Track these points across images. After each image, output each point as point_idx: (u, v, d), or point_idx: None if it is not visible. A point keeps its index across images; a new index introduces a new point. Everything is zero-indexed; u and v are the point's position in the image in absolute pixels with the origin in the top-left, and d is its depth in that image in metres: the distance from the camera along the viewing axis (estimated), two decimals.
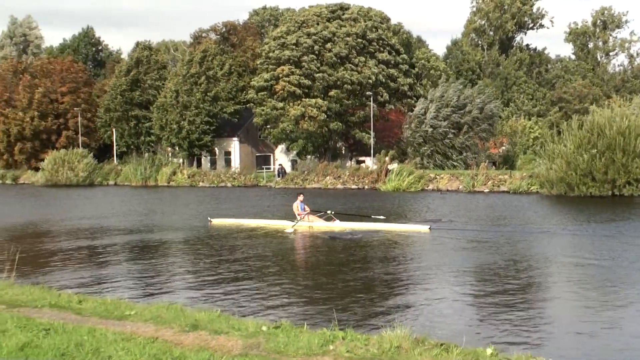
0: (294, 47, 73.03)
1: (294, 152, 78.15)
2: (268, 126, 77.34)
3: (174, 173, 74.87)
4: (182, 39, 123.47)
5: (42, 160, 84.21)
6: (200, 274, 19.65)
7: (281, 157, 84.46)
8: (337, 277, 18.85)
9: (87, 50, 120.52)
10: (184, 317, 11.18)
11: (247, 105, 79.64)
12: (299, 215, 30.97)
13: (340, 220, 30.44)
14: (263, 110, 74.19)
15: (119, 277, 19.20)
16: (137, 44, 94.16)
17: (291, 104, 72.15)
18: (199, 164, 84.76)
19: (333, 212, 31.18)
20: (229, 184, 70.14)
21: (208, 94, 78.96)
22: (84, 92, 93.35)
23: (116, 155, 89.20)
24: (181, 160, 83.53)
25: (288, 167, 78.61)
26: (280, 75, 72.49)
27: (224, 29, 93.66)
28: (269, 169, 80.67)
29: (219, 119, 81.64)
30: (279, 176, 70.39)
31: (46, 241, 27.38)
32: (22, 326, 10.32)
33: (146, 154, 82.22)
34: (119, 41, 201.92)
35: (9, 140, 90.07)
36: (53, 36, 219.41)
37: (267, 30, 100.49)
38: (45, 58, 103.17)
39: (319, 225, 30.33)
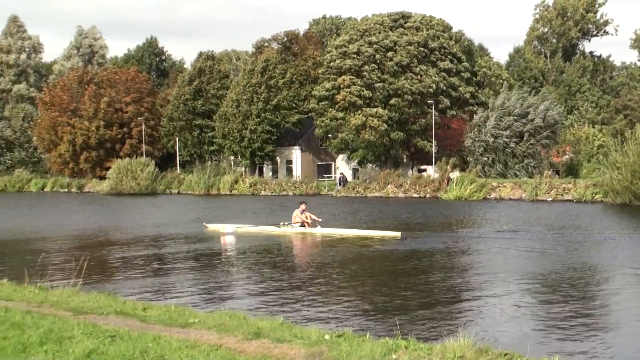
0: (355, 56, 73.03)
1: (355, 161, 78.13)
2: (329, 136, 77.46)
3: (236, 182, 75.35)
4: (244, 49, 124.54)
5: (107, 168, 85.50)
6: (262, 281, 19.74)
7: (342, 166, 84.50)
8: (397, 285, 18.77)
9: (151, 60, 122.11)
10: (247, 325, 11.23)
11: (309, 115, 79.83)
12: (295, 221, 33.74)
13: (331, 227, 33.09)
14: (323, 121, 74.36)
15: (182, 285, 19.39)
16: (200, 53, 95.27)
17: (352, 113, 72.14)
18: (261, 173, 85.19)
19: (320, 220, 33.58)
20: (290, 193, 70.33)
21: (270, 103, 79.32)
22: (147, 101, 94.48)
23: (179, 164, 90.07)
24: (243, 168, 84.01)
25: (349, 176, 78.61)
26: (342, 86, 72.55)
27: (285, 38, 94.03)
28: (330, 177, 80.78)
29: (281, 128, 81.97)
30: (340, 185, 70.41)
31: (112, 249, 27.79)
32: (89, 333, 10.47)
33: (209, 163, 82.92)
34: (182, 51, 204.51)
35: (75, 150, 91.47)
36: (118, 47, 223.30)
37: (327, 40, 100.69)
38: (110, 68, 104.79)
39: (300, 230, 32.99)
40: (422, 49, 73.49)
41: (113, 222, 41.70)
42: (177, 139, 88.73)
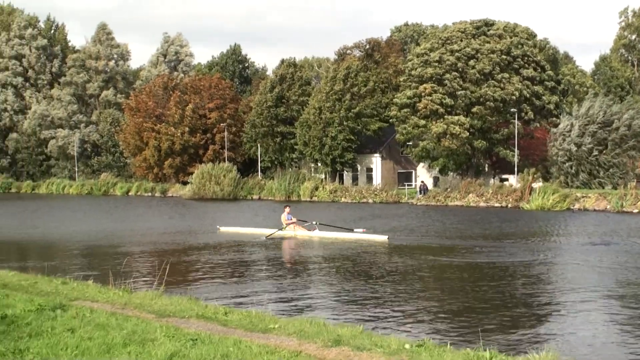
0: (437, 64, 72.53)
1: (436, 169, 77.54)
2: (410, 143, 77.05)
3: (316, 188, 75.52)
4: (325, 56, 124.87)
5: (190, 174, 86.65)
6: (341, 288, 19.70)
7: (423, 174, 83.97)
8: (477, 294, 18.52)
9: (234, 67, 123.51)
10: (327, 332, 11.19)
11: (390, 122, 79.51)
12: (286, 224, 35.25)
13: (326, 230, 34.80)
14: (405, 128, 73.98)
15: (262, 290, 19.48)
16: (282, 61, 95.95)
17: (433, 121, 71.61)
18: (341, 180, 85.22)
19: (317, 223, 35.32)
20: (370, 200, 70.17)
21: (352, 110, 79.27)
22: (230, 108, 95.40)
23: (260, 170, 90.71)
24: (323, 175, 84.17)
25: (430, 184, 78.07)
26: (423, 94, 72.10)
27: (367, 46, 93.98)
28: (411, 185, 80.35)
29: (362, 135, 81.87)
30: (421, 193, 69.96)
31: (195, 253, 28.11)
32: (171, 335, 10.59)
33: (289, 169, 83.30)
34: (265, 58, 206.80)
35: (160, 155, 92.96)
36: (202, 53, 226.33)
37: (409, 47, 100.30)
38: (195, 75, 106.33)
39: (301, 233, 34.79)
40: (505, 56, 72.51)
41: (197, 226, 42.19)
42: (258, 145, 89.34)
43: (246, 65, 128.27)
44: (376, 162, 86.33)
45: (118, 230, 40.44)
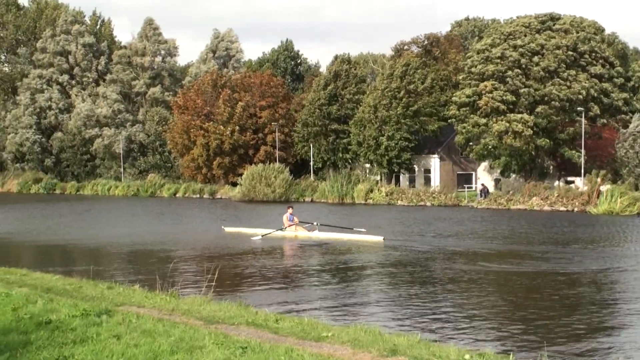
0: (498, 60, 71.87)
1: (498, 170, 76.82)
2: (470, 143, 76.47)
3: (371, 190, 75.37)
4: (381, 52, 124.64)
5: (239, 175, 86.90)
6: (396, 295, 19.65)
7: (484, 176, 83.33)
8: (544, 302, 18.34)
9: (286, 64, 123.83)
10: (383, 341, 11.18)
11: (449, 121, 78.99)
12: (287, 225, 37.68)
13: (326, 231, 37.02)
14: (464, 127, 73.45)
15: (314, 297, 19.50)
16: (336, 57, 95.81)
17: (494, 119, 70.99)
18: (397, 182, 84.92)
19: (318, 224, 37.69)
20: (428, 203, 69.85)
21: (409, 109, 78.92)
22: (282, 106, 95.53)
23: (312, 171, 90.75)
24: (379, 177, 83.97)
25: (491, 187, 77.43)
26: (483, 92, 71.50)
27: (426, 41, 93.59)
28: (471, 188, 79.79)
29: (419, 135, 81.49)
30: (481, 196, 69.47)
31: (244, 257, 28.25)
32: (220, 343, 10.64)
33: (343, 170, 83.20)
34: (318, 54, 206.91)
35: (208, 155, 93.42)
36: (253, 50, 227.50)
37: (470, 42, 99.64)
38: (245, 72, 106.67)
39: (302, 234, 37.00)
40: (571, 53, 71.59)
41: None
42: (311, 145, 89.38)
43: (298, 61, 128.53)
44: (434, 163, 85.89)
45: (165, 233, 40.82)
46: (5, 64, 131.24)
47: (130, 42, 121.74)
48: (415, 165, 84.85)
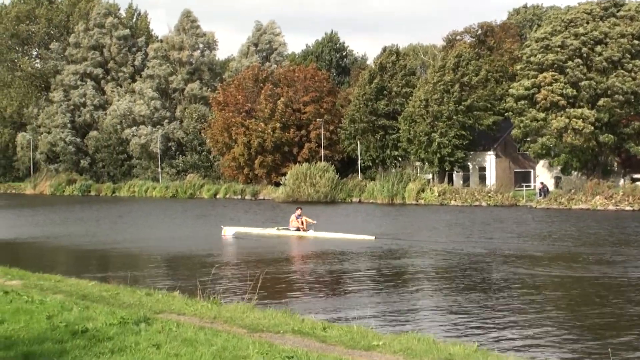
0: (558, 49, 71.23)
1: (558, 168, 76.14)
2: (528, 139, 75.86)
3: (423, 190, 75.04)
4: (432, 43, 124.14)
5: (283, 174, 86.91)
6: (451, 301, 19.55)
7: (543, 174, 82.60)
8: (611, 309, 18.12)
9: (331, 56, 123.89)
10: (437, 350, 11.13)
11: (505, 116, 78.40)
12: (292, 225, 40.60)
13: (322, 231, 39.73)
14: (522, 121, 72.83)
15: (363, 304, 19.47)
16: (384, 48, 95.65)
17: (554, 114, 70.33)
18: (450, 181, 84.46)
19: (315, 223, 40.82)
20: (483, 203, 69.41)
21: (462, 103, 78.41)
22: (327, 101, 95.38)
23: (360, 170, 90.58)
24: (430, 176, 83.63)
25: (551, 185, 76.73)
26: (542, 83, 70.87)
27: (479, 31, 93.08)
28: (529, 186, 79.16)
29: (474, 131, 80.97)
30: (540, 195, 68.89)
31: (289, 262, 28.31)
32: (264, 352, 10.66)
33: (392, 169, 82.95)
34: (365, 46, 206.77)
35: (250, 153, 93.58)
36: (296, 42, 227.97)
37: (527, 32, 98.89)
38: (288, 66, 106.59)
39: (300, 233, 39.81)
40: (637, 41, 70.71)
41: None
42: (358, 143, 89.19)
43: (344, 54, 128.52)
44: (490, 160, 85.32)
45: (206, 236, 41.00)
46: (38, 60, 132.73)
47: (167, 35, 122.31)
48: (469, 163, 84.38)
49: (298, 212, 41.63)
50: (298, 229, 40.29)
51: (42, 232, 45.14)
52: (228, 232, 40.27)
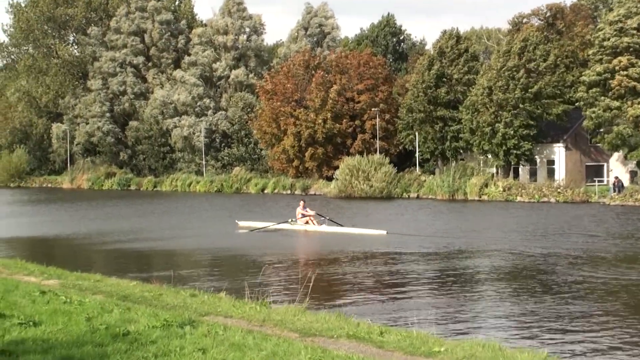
0: (635, 32, 70.42)
1: (634, 162, 75.27)
2: (601, 130, 75.08)
3: (486, 185, 74.59)
4: (496, 26, 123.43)
5: (335, 167, 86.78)
6: (518, 306, 19.44)
7: (617, 168, 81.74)
8: None
9: (387, 41, 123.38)
10: (503, 358, 11.11)
11: (576, 105, 77.64)
12: (299, 218, 43.06)
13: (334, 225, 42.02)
14: (594, 111, 72.09)
15: (421, 306, 19.44)
16: (443, 32, 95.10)
17: (629, 102, 69.56)
18: (516, 175, 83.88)
19: (328, 218, 43.45)
20: (552, 199, 68.84)
21: (529, 90, 77.72)
22: (382, 89, 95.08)
23: (418, 163, 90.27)
24: (494, 169, 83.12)
25: (626, 180, 75.90)
26: (617, 68, 70.12)
27: (548, 13, 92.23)
28: (602, 181, 78.36)
29: (542, 121, 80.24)
30: (614, 191, 68.16)
31: (342, 263, 28.32)
32: (317, 358, 10.69)
33: (453, 162, 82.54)
34: (423, 30, 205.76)
35: (300, 145, 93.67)
36: (349, 25, 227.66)
37: (600, 14, 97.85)
38: (341, 51, 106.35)
39: (312, 228, 42.41)
40: None
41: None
42: (416, 134, 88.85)
43: (401, 38, 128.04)
44: (559, 153, 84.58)
45: (254, 235, 41.17)
46: (75, 46, 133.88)
47: (212, 19, 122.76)
48: (536, 156, 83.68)
49: (302, 204, 44.74)
50: (307, 222, 42.96)
51: (80, 228, 45.62)
52: (242, 226, 43.20)
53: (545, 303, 19.84)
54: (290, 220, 43.55)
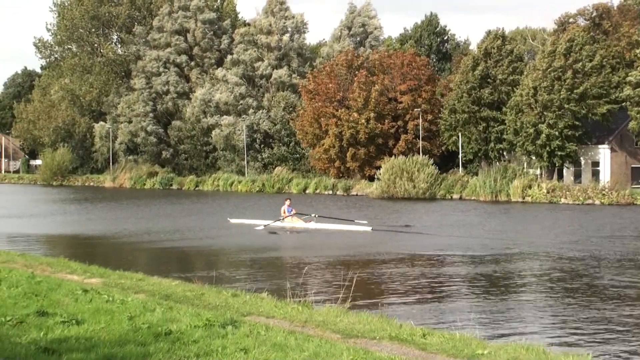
0: None
1: None
2: None
3: (530, 187, 74.19)
4: (541, 26, 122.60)
5: (377, 168, 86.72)
6: (563, 310, 19.31)
7: None
8: None
9: (431, 40, 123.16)
10: None
11: (622, 105, 76.96)
12: (284, 216, 45.07)
13: (324, 222, 44.27)
14: (639, 112, 71.50)
15: (464, 309, 19.38)
16: (488, 32, 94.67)
17: None
18: (560, 177, 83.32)
19: (317, 215, 45.28)
20: (597, 202, 68.35)
21: (574, 91, 77.14)
22: (426, 89, 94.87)
23: (461, 164, 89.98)
24: (538, 171, 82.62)
25: None
26: None
27: (594, 13, 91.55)
28: None
29: (587, 122, 79.63)
30: None
31: (383, 264, 28.29)
32: (359, 359, 10.67)
33: (497, 164, 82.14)
34: (467, 30, 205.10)
35: (342, 146, 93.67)
36: (393, 25, 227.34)
37: None
38: (384, 51, 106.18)
39: (299, 225, 44.23)
40: None
41: (393, 235, 42.43)
42: (459, 135, 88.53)
43: (445, 38, 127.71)
44: (604, 154, 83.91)
45: (295, 235, 41.22)
46: (118, 45, 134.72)
47: (255, 18, 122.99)
48: (581, 158, 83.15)
49: (287, 202, 46.92)
50: (289, 219, 45.20)
51: (122, 228, 45.88)
52: (234, 223, 46.38)
53: (591, 307, 19.70)
54: (280, 218, 45.50)
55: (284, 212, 45.61)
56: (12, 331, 12.12)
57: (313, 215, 45.57)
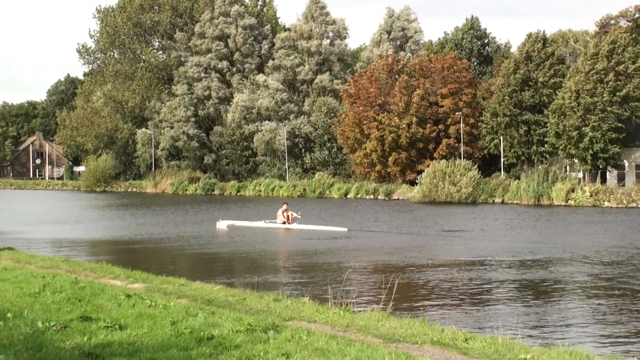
0: None
1: None
2: None
3: (573, 190, 73.69)
4: (583, 28, 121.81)
5: (419, 172, 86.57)
6: (607, 314, 19.17)
7: None
8: None
9: (472, 44, 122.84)
10: None
11: None
12: (279, 219, 48.94)
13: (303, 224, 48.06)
14: None
15: (506, 313, 19.27)
16: (529, 35, 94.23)
17: None
18: (604, 180, 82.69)
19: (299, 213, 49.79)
20: None
21: (617, 94, 76.53)
22: (467, 93, 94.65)
23: (503, 168, 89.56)
24: (581, 174, 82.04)
25: None
26: None
27: (636, 14, 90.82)
28: None
29: (630, 124, 78.95)
30: None
31: (422, 269, 28.20)
32: None
33: (539, 167, 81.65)
34: (508, 33, 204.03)
35: (383, 150, 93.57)
36: (433, 29, 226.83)
37: None
38: (425, 55, 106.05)
39: (288, 226, 47.89)
40: None
41: (437, 239, 42.32)
42: (501, 138, 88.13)
43: (486, 41, 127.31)
44: None
45: (339, 240, 41.23)
46: (161, 51, 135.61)
47: (295, 23, 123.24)
48: (624, 160, 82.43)
49: (284, 206, 49.96)
50: (284, 222, 48.41)
51: (164, 233, 46.08)
52: (222, 224, 48.32)
53: (633, 310, 19.53)
54: (264, 220, 50.14)
55: (279, 215, 49.31)
56: (56, 336, 12.21)
57: (298, 215, 49.68)
